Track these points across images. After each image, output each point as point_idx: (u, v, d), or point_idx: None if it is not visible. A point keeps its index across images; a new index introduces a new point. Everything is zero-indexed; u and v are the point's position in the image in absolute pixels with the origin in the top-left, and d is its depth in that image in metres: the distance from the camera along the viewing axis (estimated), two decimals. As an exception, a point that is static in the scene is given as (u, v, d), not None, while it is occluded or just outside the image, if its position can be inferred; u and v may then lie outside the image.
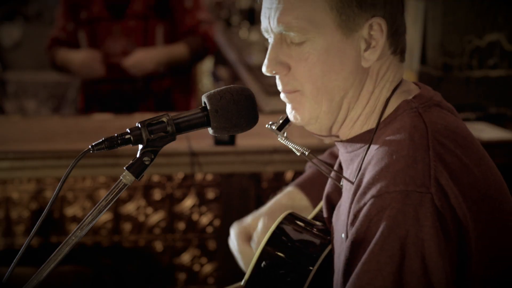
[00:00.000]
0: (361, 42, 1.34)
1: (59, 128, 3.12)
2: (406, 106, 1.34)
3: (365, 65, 1.34)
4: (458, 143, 1.29)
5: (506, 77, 3.21)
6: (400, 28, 1.37)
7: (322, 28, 1.32)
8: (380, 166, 1.26)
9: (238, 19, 5.56)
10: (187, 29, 3.59)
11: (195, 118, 1.34)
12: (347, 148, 1.41)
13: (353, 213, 1.27)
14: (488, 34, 3.19)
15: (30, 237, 1.28)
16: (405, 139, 1.27)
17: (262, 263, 1.48)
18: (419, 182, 1.22)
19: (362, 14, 1.32)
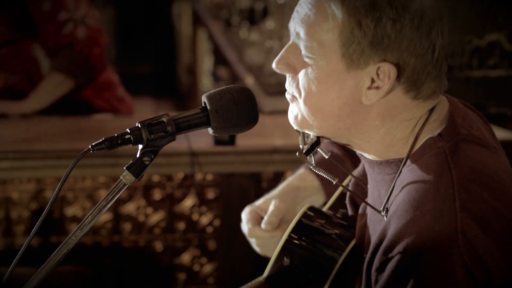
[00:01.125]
0: (365, 79, 1.29)
1: (59, 128, 3.12)
2: (433, 145, 1.31)
3: (365, 103, 1.30)
4: (486, 185, 1.26)
5: (506, 77, 3.21)
6: (425, 77, 1.30)
7: (328, 52, 1.30)
8: (406, 219, 1.24)
9: (238, 19, 5.55)
10: (59, 46, 3.37)
11: (195, 118, 1.34)
12: (374, 168, 1.38)
13: (379, 262, 1.26)
14: (488, 34, 3.19)
15: (30, 237, 1.28)
16: (430, 190, 1.25)
17: (284, 260, 1.47)
18: (446, 237, 1.21)
19: (372, 55, 1.27)
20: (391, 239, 1.24)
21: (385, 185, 1.36)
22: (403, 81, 1.29)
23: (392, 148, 1.34)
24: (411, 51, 1.28)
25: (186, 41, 7.49)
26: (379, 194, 1.38)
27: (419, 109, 1.33)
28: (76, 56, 3.35)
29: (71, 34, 3.32)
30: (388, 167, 1.35)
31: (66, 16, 3.34)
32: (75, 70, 3.37)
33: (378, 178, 1.38)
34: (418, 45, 1.28)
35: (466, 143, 1.32)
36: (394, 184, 1.32)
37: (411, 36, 1.27)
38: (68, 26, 3.33)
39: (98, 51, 3.39)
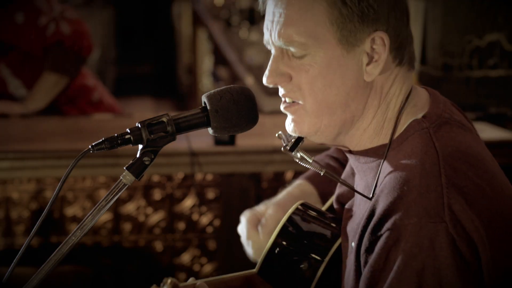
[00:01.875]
0: (363, 56, 1.32)
1: (59, 128, 3.12)
2: (417, 126, 1.33)
3: (368, 79, 1.33)
4: (470, 163, 1.28)
5: (506, 77, 3.21)
6: (405, 40, 1.35)
7: (323, 43, 1.31)
8: (393, 196, 1.25)
9: (238, 19, 5.56)
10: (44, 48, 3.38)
11: (195, 118, 1.34)
12: (359, 159, 1.40)
13: (368, 241, 1.27)
14: (488, 34, 3.19)
15: (30, 237, 1.28)
16: (417, 166, 1.27)
17: (276, 249, 1.49)
18: (433, 212, 1.22)
19: (364, 29, 1.31)
20: (379, 217, 1.26)
21: (371, 172, 1.37)
22: (392, 48, 1.33)
23: (381, 131, 1.36)
24: (393, 16, 1.32)
25: (186, 41, 7.48)
26: (367, 182, 1.39)
27: (404, 81, 1.37)
28: (67, 52, 3.38)
29: (56, 32, 3.34)
30: (374, 154, 1.37)
31: (45, 18, 3.35)
32: (69, 68, 3.40)
33: (365, 167, 1.39)
34: (396, 9, 1.33)
35: (449, 125, 1.34)
36: (381, 168, 1.34)
37: (389, 2, 1.32)
38: (51, 27, 3.34)
39: (87, 43, 3.43)
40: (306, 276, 1.46)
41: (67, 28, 3.36)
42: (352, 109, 1.35)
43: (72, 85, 3.47)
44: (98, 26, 6.99)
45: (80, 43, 3.38)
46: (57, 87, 3.39)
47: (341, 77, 1.32)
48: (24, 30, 3.35)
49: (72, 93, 3.49)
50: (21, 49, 3.37)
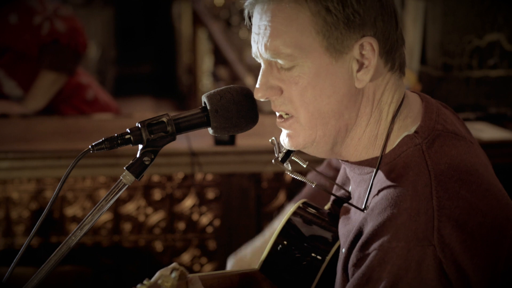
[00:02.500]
0: (352, 63, 1.31)
1: (59, 128, 3.12)
2: (409, 142, 1.32)
3: (359, 86, 1.32)
4: (463, 180, 1.28)
5: (506, 77, 3.21)
6: (395, 44, 1.33)
7: (310, 52, 1.30)
8: (383, 217, 1.25)
9: (238, 19, 5.55)
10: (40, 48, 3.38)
11: (195, 118, 1.34)
12: (354, 170, 1.40)
13: (356, 258, 1.27)
14: (488, 34, 3.19)
15: (30, 237, 1.28)
16: (408, 188, 1.26)
17: (279, 246, 1.49)
18: (422, 236, 1.22)
19: (351, 35, 1.29)
20: (368, 236, 1.25)
21: (364, 184, 1.37)
22: (382, 53, 1.32)
23: (375, 142, 1.35)
24: (380, 20, 1.30)
25: (186, 41, 7.48)
26: (359, 193, 1.39)
27: (396, 89, 1.35)
28: (64, 50, 3.37)
29: (51, 31, 3.34)
30: (367, 167, 1.36)
31: (39, 18, 3.35)
32: (66, 65, 3.40)
33: (359, 178, 1.39)
34: (384, 13, 1.31)
35: (443, 138, 1.33)
36: (373, 182, 1.33)
37: (376, 7, 1.30)
38: (45, 26, 3.34)
39: (82, 39, 3.43)
40: (308, 273, 1.46)
41: (62, 25, 3.36)
42: (346, 118, 1.33)
43: (66, 84, 3.47)
44: (98, 26, 6.99)
45: (76, 39, 3.39)
46: (56, 85, 3.40)
47: (331, 86, 1.31)
48: (18, 30, 3.35)
49: (67, 91, 3.49)
50: (16, 50, 3.37)
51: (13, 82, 3.43)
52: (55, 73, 3.37)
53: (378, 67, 1.32)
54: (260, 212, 2.83)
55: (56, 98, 3.46)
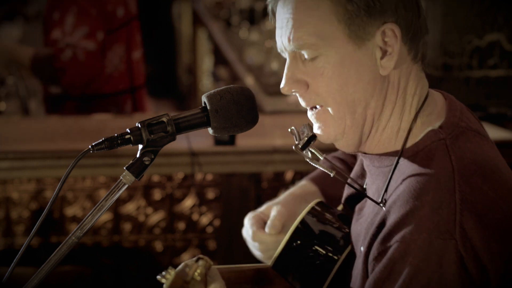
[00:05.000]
0: (376, 50, 1.31)
1: (59, 128, 3.12)
2: (433, 137, 1.32)
3: (383, 73, 1.32)
4: (486, 177, 1.28)
5: (506, 77, 3.21)
6: (418, 32, 1.34)
7: (333, 41, 1.31)
8: (405, 209, 1.25)
9: (238, 19, 5.55)
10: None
11: (195, 118, 1.34)
12: (373, 162, 1.40)
13: (377, 251, 1.27)
14: (488, 34, 3.19)
15: (30, 237, 1.28)
16: (431, 181, 1.26)
17: (292, 244, 1.49)
18: (444, 229, 1.22)
19: (372, 22, 1.30)
20: (390, 229, 1.25)
21: (383, 177, 1.37)
22: (405, 40, 1.32)
23: (398, 135, 1.35)
24: (402, 7, 1.31)
25: (186, 41, 7.49)
26: (377, 187, 1.39)
27: (419, 81, 1.36)
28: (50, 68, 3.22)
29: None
30: (387, 159, 1.36)
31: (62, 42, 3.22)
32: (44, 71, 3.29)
33: (377, 171, 1.39)
34: (407, 1, 1.32)
35: (466, 135, 1.33)
36: (392, 174, 1.33)
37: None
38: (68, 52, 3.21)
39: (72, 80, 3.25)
40: (320, 273, 1.47)
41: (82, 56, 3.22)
42: (372, 106, 1.34)
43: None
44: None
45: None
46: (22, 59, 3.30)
47: (356, 74, 1.32)
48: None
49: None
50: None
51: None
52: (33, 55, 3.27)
53: (401, 54, 1.32)
54: (260, 212, 2.83)
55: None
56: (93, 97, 3.35)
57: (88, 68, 3.21)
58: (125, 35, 3.39)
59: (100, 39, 3.23)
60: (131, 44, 3.43)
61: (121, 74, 3.39)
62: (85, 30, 3.20)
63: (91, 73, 3.25)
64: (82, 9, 3.23)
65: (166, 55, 8.52)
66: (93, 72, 3.24)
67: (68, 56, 3.16)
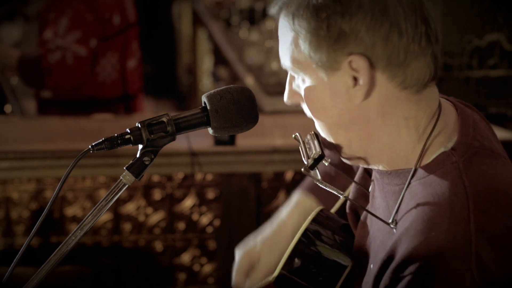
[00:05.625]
0: (346, 78, 1.29)
1: (59, 128, 3.12)
2: (446, 160, 1.29)
3: (355, 102, 1.29)
4: (500, 204, 1.25)
5: (506, 77, 3.21)
6: (398, 58, 1.26)
7: (306, 68, 1.31)
8: (419, 240, 1.23)
9: (238, 19, 5.55)
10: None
11: (195, 118, 1.34)
12: (383, 179, 1.38)
13: (389, 279, 1.25)
14: (488, 34, 3.19)
15: (30, 237, 1.28)
16: (446, 210, 1.24)
17: (295, 260, 1.47)
18: (460, 260, 1.20)
19: (337, 53, 1.27)
20: (403, 259, 1.23)
21: (393, 196, 1.35)
22: (382, 69, 1.27)
23: (401, 155, 1.33)
24: (373, 36, 1.25)
25: (186, 41, 7.49)
26: (387, 204, 1.37)
27: (413, 105, 1.31)
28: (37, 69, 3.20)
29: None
30: (397, 178, 1.34)
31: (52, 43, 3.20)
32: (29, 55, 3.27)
33: (387, 188, 1.37)
34: (377, 28, 1.25)
35: (479, 156, 1.30)
36: (403, 196, 1.31)
37: (365, 23, 1.25)
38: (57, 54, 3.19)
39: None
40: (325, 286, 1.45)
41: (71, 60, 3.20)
42: (355, 130, 1.32)
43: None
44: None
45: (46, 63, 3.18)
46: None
47: (330, 100, 1.31)
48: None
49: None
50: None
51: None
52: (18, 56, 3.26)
53: (379, 82, 1.28)
54: (260, 212, 2.83)
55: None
56: (85, 103, 3.35)
57: (76, 73, 3.20)
58: (120, 43, 3.37)
59: (92, 46, 3.22)
60: (127, 52, 3.42)
61: (114, 81, 3.38)
62: (78, 35, 3.18)
63: (79, 79, 3.23)
64: (77, 13, 3.21)
65: (166, 55, 8.52)
66: (81, 77, 3.23)
67: (56, 58, 3.14)
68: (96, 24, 3.24)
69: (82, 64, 3.19)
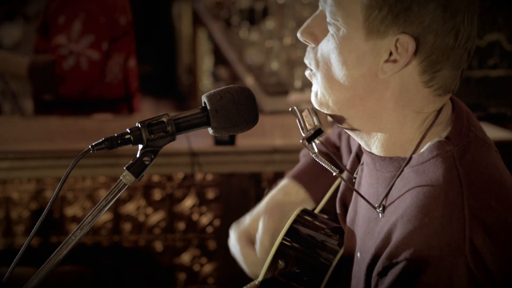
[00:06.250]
0: (383, 50, 1.28)
1: (59, 128, 3.12)
2: (440, 148, 1.29)
3: (381, 76, 1.29)
4: (494, 192, 1.26)
5: (506, 77, 3.21)
6: (442, 62, 1.27)
7: (350, 19, 1.29)
8: (413, 225, 1.23)
9: (238, 19, 5.55)
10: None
11: (195, 118, 1.34)
12: (375, 164, 1.38)
13: (382, 266, 1.25)
14: (488, 34, 3.19)
15: (30, 237, 1.28)
16: (440, 196, 1.24)
17: (278, 263, 1.47)
18: (454, 245, 1.20)
19: (392, 25, 1.26)
20: (397, 245, 1.23)
21: (384, 182, 1.35)
22: (420, 60, 1.28)
23: (398, 143, 1.33)
24: (433, 29, 1.26)
25: (186, 41, 7.49)
26: (376, 191, 1.37)
27: (429, 103, 1.32)
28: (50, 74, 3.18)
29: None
30: (390, 165, 1.34)
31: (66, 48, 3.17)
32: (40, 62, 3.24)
33: (378, 174, 1.37)
34: (440, 24, 1.26)
35: (473, 146, 1.31)
36: (394, 182, 1.32)
37: (435, 13, 1.25)
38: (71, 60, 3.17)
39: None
40: (310, 286, 1.46)
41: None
42: (363, 99, 1.31)
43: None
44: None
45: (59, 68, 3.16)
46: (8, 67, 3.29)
47: (354, 61, 1.29)
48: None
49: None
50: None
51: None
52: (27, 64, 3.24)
53: (410, 69, 1.29)
54: (260, 212, 2.83)
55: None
56: (90, 104, 3.34)
57: (88, 78, 3.18)
58: (126, 43, 3.37)
59: (104, 48, 3.20)
60: (130, 52, 3.42)
61: (119, 82, 3.37)
62: (91, 38, 3.16)
63: (90, 83, 3.22)
64: (90, 16, 3.17)
65: (166, 55, 8.53)
66: (91, 81, 3.22)
67: (70, 64, 3.12)
68: (108, 26, 3.23)
69: (94, 68, 3.17)
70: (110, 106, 3.37)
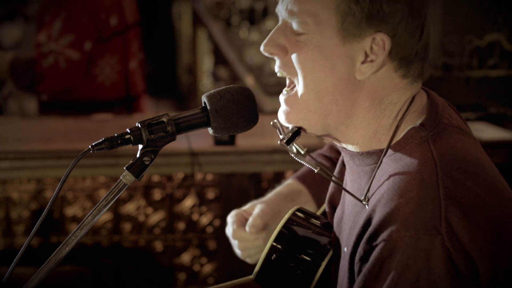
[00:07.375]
0: (359, 53, 1.31)
1: (59, 128, 3.12)
2: (415, 135, 1.32)
3: (359, 77, 1.32)
4: (469, 172, 1.28)
5: (506, 77, 3.21)
6: (412, 55, 1.33)
7: (323, 27, 1.31)
8: (390, 207, 1.25)
9: (238, 19, 5.55)
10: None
11: (195, 118, 1.34)
12: (354, 160, 1.39)
13: (363, 250, 1.27)
14: (488, 34, 3.20)
15: (30, 237, 1.28)
16: (415, 177, 1.26)
17: (273, 256, 1.49)
18: (430, 225, 1.22)
19: (367, 28, 1.30)
20: (375, 227, 1.25)
21: (365, 176, 1.37)
22: (394, 57, 1.32)
23: (375, 136, 1.36)
24: (404, 26, 1.31)
25: (186, 41, 7.49)
26: (359, 185, 1.39)
27: (405, 92, 1.35)
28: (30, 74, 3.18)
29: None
30: (369, 158, 1.36)
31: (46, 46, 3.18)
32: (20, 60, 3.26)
33: (359, 169, 1.39)
34: (410, 22, 1.32)
35: (448, 131, 1.34)
36: (375, 174, 1.33)
37: (404, 12, 1.31)
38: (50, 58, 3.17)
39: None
40: (303, 282, 1.46)
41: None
42: (340, 103, 1.33)
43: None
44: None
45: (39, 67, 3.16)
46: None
47: (331, 67, 1.32)
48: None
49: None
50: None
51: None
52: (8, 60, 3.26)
53: (386, 68, 1.32)
54: (260, 212, 2.83)
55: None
56: (85, 105, 3.33)
57: (68, 76, 3.19)
58: (119, 44, 3.35)
59: (87, 48, 3.19)
60: (128, 53, 3.40)
61: (114, 83, 3.36)
62: (71, 38, 3.15)
63: (70, 81, 3.21)
64: (71, 16, 3.17)
65: (166, 55, 8.52)
66: (72, 80, 3.21)
67: (49, 63, 3.12)
68: (92, 26, 3.22)
69: (75, 67, 3.17)
70: (106, 107, 3.36)
